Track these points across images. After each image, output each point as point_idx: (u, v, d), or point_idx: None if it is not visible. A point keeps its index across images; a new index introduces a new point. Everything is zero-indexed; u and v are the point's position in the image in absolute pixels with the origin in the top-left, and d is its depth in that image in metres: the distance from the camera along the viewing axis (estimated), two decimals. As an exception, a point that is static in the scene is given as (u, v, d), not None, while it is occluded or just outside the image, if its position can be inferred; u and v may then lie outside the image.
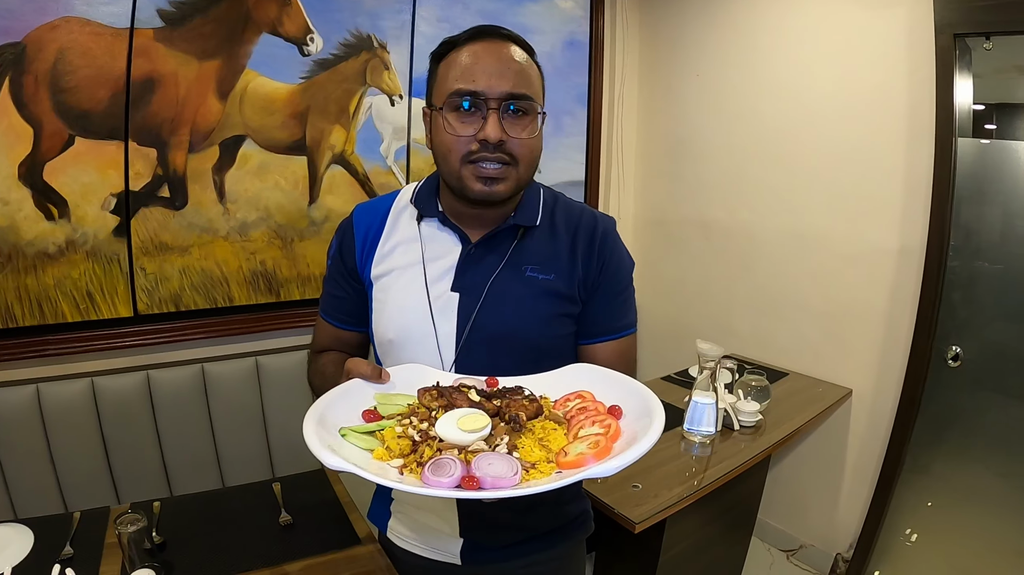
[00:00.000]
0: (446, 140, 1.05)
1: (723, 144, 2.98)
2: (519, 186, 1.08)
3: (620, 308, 1.19)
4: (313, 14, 2.35)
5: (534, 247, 1.15)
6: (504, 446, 0.88)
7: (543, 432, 0.93)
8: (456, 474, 0.81)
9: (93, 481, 2.11)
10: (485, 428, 0.90)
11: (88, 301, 2.13)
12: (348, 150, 2.53)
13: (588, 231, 1.17)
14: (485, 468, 0.83)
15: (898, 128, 2.39)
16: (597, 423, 0.93)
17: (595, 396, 1.02)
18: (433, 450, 0.87)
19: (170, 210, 2.23)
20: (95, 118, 2.06)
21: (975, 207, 2.33)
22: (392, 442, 0.90)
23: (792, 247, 2.75)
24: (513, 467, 0.83)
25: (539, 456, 0.87)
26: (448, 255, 1.15)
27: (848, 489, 2.67)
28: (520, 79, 1.03)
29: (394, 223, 1.20)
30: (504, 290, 1.12)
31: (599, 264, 1.15)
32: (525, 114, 1.04)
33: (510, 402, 0.97)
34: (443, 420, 0.92)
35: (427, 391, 1.00)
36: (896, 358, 2.46)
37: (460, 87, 1.02)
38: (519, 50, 1.06)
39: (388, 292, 1.17)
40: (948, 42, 2.22)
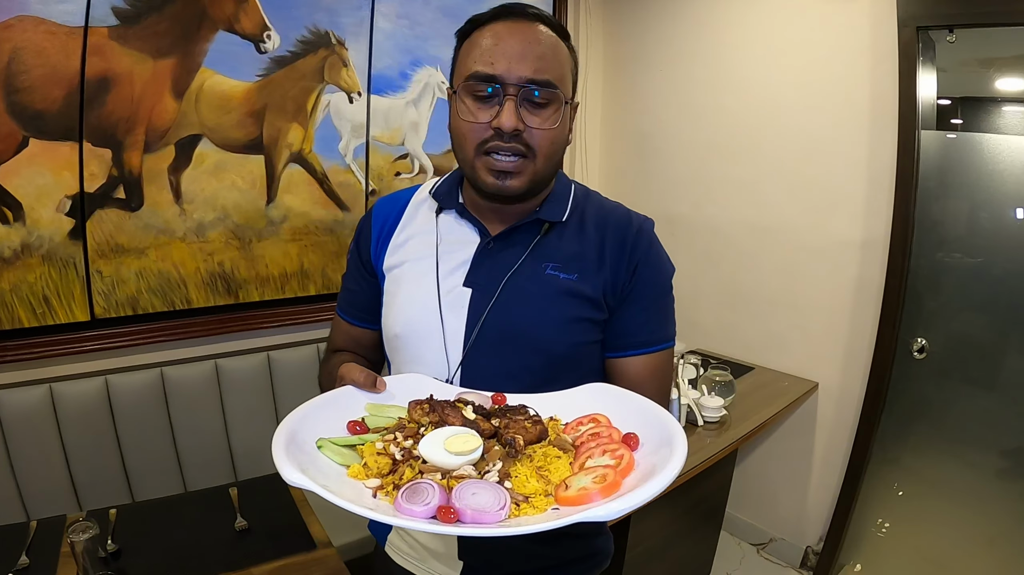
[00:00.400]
0: (461, 127, 1.01)
1: (688, 139, 3.07)
2: (536, 181, 1.02)
3: (655, 318, 1.10)
4: (270, 11, 2.39)
5: (558, 244, 1.08)
6: (495, 473, 0.80)
7: (544, 460, 0.85)
8: (432, 502, 0.73)
9: (54, 489, 2.15)
10: (475, 451, 0.82)
11: (45, 306, 2.16)
12: (306, 148, 2.57)
13: (620, 230, 1.09)
14: (467, 498, 0.74)
15: (861, 121, 2.46)
16: (608, 453, 0.83)
17: (611, 421, 0.92)
18: (414, 471, 0.80)
19: (126, 212, 2.26)
20: (49, 119, 2.08)
21: (939, 199, 2.42)
22: (371, 459, 0.83)
23: (757, 241, 2.83)
24: (500, 499, 0.74)
25: (535, 488, 0.79)
26: (464, 248, 1.10)
27: (817, 482, 2.75)
28: (543, 63, 0.97)
29: (412, 214, 1.17)
30: (521, 288, 1.05)
31: (631, 267, 1.07)
32: (547, 103, 0.99)
33: (510, 422, 0.90)
34: (429, 438, 0.84)
35: (418, 404, 0.94)
36: (862, 351, 2.54)
37: (477, 69, 0.97)
38: (547, 31, 1.01)
39: (399, 284, 1.13)
40: (911, 35, 2.29)
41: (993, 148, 2.26)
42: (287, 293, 2.62)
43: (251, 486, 1.87)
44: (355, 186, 2.71)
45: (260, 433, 2.49)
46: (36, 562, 1.46)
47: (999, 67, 2.28)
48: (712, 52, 2.90)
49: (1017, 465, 2.34)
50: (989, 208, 2.32)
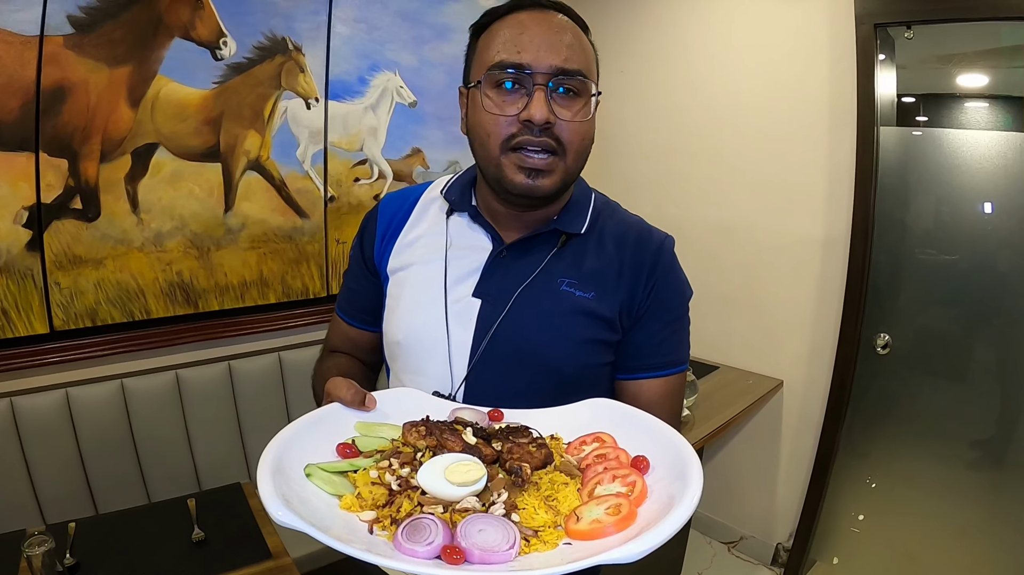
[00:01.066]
0: (485, 121, 0.96)
1: (648, 140, 3.21)
2: (567, 181, 1.00)
3: (669, 340, 1.07)
4: (226, 17, 2.48)
5: (575, 258, 1.05)
6: (501, 505, 0.76)
7: (551, 488, 0.81)
8: (436, 542, 0.68)
9: (17, 503, 2.21)
10: (479, 482, 0.78)
11: (3, 318, 2.24)
12: (263, 155, 2.66)
13: (640, 248, 1.07)
14: (473, 536, 0.70)
15: (820, 119, 2.57)
16: (619, 479, 0.80)
17: (616, 440, 0.90)
18: (413, 503, 0.76)
19: (83, 222, 2.35)
20: (5, 129, 2.16)
21: (900, 195, 2.56)
22: (364, 489, 0.79)
23: (719, 240, 2.96)
24: (509, 537, 0.70)
25: (544, 520, 0.75)
26: (475, 255, 1.07)
27: (785, 479, 2.86)
28: (572, 53, 0.95)
29: (421, 213, 1.14)
30: (533, 302, 1.02)
31: (649, 287, 1.04)
32: (577, 95, 0.96)
33: (513, 446, 0.86)
34: (427, 467, 0.80)
35: (414, 427, 0.89)
36: (826, 347, 2.66)
37: (503, 58, 0.93)
38: (571, 21, 0.99)
39: (403, 288, 1.10)
40: (869, 32, 2.39)
41: (953, 143, 2.38)
42: (247, 302, 2.71)
43: (210, 497, 1.95)
44: (313, 192, 2.81)
45: (222, 443, 2.60)
46: (-7, 578, 1.53)
47: (958, 63, 2.38)
48: (671, 53, 3.04)
49: (985, 456, 2.48)
50: (950, 203, 2.45)
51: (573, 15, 1.01)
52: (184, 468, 2.51)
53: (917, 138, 2.48)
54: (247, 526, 1.77)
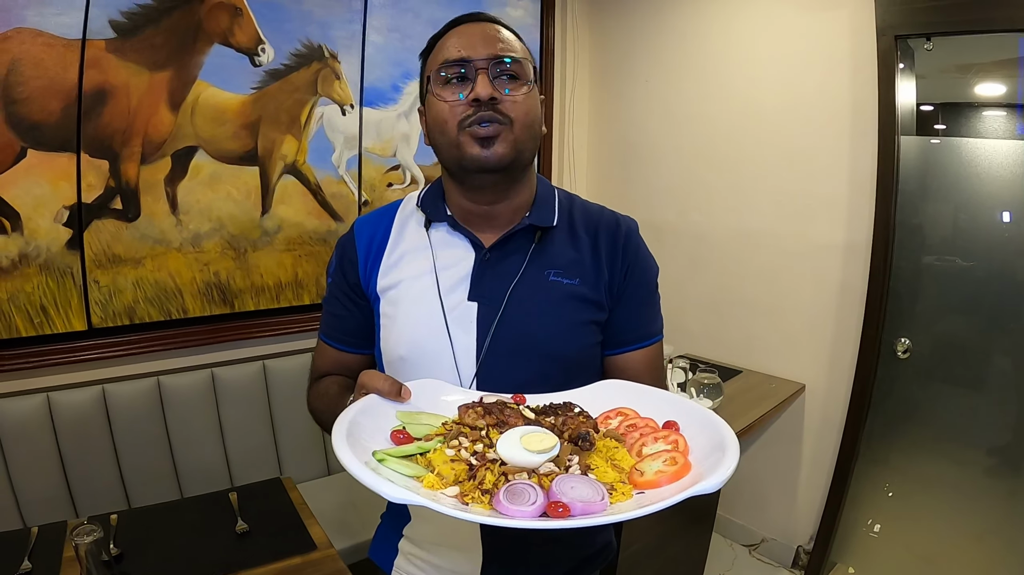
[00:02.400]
0: (440, 111, 1.02)
1: (672, 148, 3.15)
2: (518, 151, 1.03)
3: (647, 314, 1.14)
4: (264, 24, 2.45)
5: (555, 250, 1.10)
6: (577, 467, 0.80)
7: (608, 451, 0.85)
8: (539, 501, 0.72)
9: (51, 497, 2.18)
10: (555, 448, 0.81)
11: (42, 315, 2.20)
12: (300, 160, 2.62)
13: (610, 232, 1.12)
14: (570, 492, 0.73)
15: (842, 128, 2.54)
16: (661, 439, 0.86)
17: (639, 413, 0.95)
18: (495, 474, 0.78)
19: (123, 222, 2.31)
20: (47, 130, 2.13)
21: (920, 203, 2.49)
22: (443, 467, 0.80)
23: (741, 246, 2.90)
24: (598, 490, 0.74)
25: (614, 477, 0.80)
26: (461, 262, 1.10)
27: (806, 482, 2.81)
28: (507, 45, 1.02)
29: (400, 231, 1.16)
30: (527, 297, 1.06)
31: (624, 267, 1.10)
32: (516, 77, 1.02)
33: (566, 419, 0.89)
34: (505, 439, 0.82)
35: (470, 408, 0.91)
36: (847, 352, 2.60)
37: (446, 58, 1.00)
38: (504, 29, 1.05)
39: (397, 306, 1.11)
40: (890, 43, 2.36)
41: (972, 152, 2.34)
42: (282, 302, 2.67)
43: (250, 490, 1.90)
44: (348, 197, 2.77)
45: (256, 440, 2.55)
46: (38, 567, 1.48)
47: (976, 72, 2.36)
48: (696, 62, 2.99)
49: (1003, 462, 2.41)
50: (969, 211, 2.40)
51: (507, 26, 1.07)
52: (217, 464, 2.46)
53: (936, 147, 2.43)
54: (290, 518, 1.72)
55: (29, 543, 1.56)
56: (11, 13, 2.01)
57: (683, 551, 2.58)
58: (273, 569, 1.54)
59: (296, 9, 2.50)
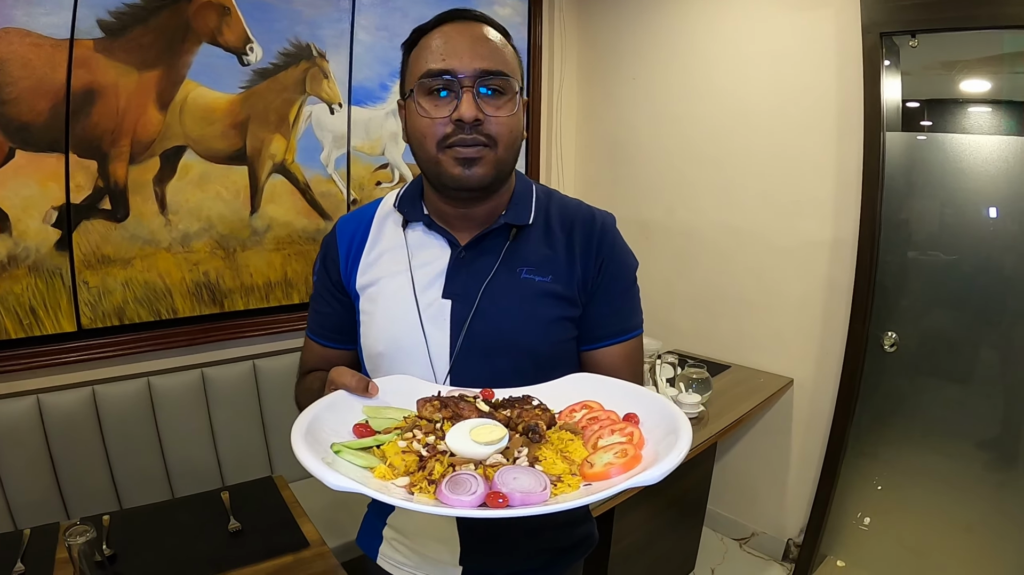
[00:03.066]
0: (420, 125, 1.01)
1: (660, 146, 3.18)
2: (499, 170, 1.03)
3: (624, 308, 1.14)
4: (253, 24, 2.45)
5: (529, 247, 1.11)
6: (524, 459, 0.83)
7: (561, 443, 0.88)
8: (479, 491, 0.75)
9: (42, 499, 2.17)
10: (503, 439, 0.84)
11: (32, 316, 2.18)
12: (288, 159, 2.63)
13: (585, 228, 1.12)
14: (511, 483, 0.76)
15: (828, 125, 2.57)
16: (617, 431, 0.87)
17: (603, 406, 0.96)
18: (444, 466, 0.81)
19: (112, 222, 2.30)
20: (36, 130, 2.12)
21: (907, 198, 2.52)
22: (395, 458, 0.84)
23: (729, 243, 2.93)
24: (541, 481, 0.77)
25: (563, 468, 0.82)
26: (436, 260, 1.11)
27: (795, 476, 2.84)
28: (494, 56, 1.00)
29: (379, 231, 1.17)
30: (499, 295, 1.08)
31: (598, 262, 1.10)
32: (502, 93, 1.01)
33: (521, 411, 0.92)
34: (454, 432, 0.86)
35: (428, 402, 0.95)
36: (834, 347, 2.63)
37: (431, 67, 0.99)
38: (492, 30, 1.04)
39: (375, 303, 1.14)
40: (875, 41, 2.39)
41: (958, 148, 2.36)
42: (272, 302, 2.67)
43: (242, 490, 1.90)
44: (337, 195, 2.77)
45: (246, 440, 2.54)
46: (31, 569, 1.48)
47: (961, 69, 2.39)
48: (683, 61, 3.00)
49: (992, 454, 2.44)
50: (955, 206, 2.42)
51: (495, 24, 1.06)
52: (208, 464, 2.46)
53: (922, 143, 2.45)
54: (282, 516, 1.72)
55: (22, 545, 1.55)
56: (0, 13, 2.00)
57: (674, 545, 2.61)
58: (266, 567, 1.54)
59: (285, 8, 2.50)
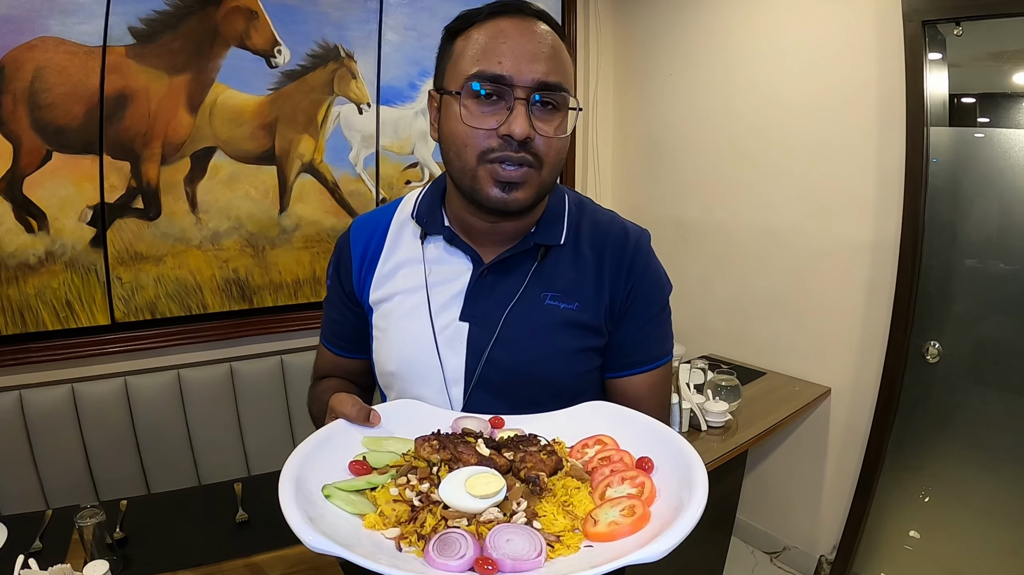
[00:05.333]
0: (461, 132, 0.92)
1: (697, 143, 3.13)
2: (541, 193, 0.97)
3: (652, 335, 1.07)
4: (280, 27, 2.54)
5: (556, 270, 1.04)
6: (522, 514, 0.78)
7: (565, 493, 0.83)
8: (468, 554, 0.70)
9: (74, 483, 2.32)
10: (499, 493, 0.79)
11: (67, 310, 2.34)
12: (317, 159, 2.71)
13: (617, 248, 1.05)
14: (503, 547, 0.72)
15: (869, 120, 2.48)
16: (628, 481, 0.82)
17: (618, 443, 0.91)
18: (436, 518, 0.77)
19: (144, 221, 2.44)
20: (71, 133, 2.27)
21: (953, 198, 2.40)
22: (386, 507, 0.80)
23: (766, 244, 2.87)
24: (536, 544, 0.72)
25: (563, 526, 0.77)
26: (456, 279, 1.05)
27: (830, 490, 2.76)
28: (554, 65, 0.91)
29: (395, 240, 1.11)
30: (522, 322, 1.01)
31: (628, 286, 1.04)
32: (556, 108, 0.93)
33: (525, 455, 0.86)
34: (448, 482, 0.81)
35: (426, 441, 0.89)
36: (874, 355, 2.55)
37: (483, 69, 0.89)
38: (550, 30, 0.94)
39: (389, 320, 1.08)
40: (917, 29, 2.30)
41: (1009, 144, 2.24)
42: (299, 299, 2.77)
43: (255, 482, 1.99)
44: (366, 194, 2.85)
45: (273, 432, 2.66)
46: (48, 547, 1.60)
47: (1009, 60, 2.27)
48: (720, 55, 2.95)
49: None
50: (1006, 207, 2.29)
51: (552, 23, 0.96)
52: (235, 456, 2.57)
53: (971, 139, 2.34)
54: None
55: (43, 524, 1.68)
56: (35, 23, 2.14)
57: (700, 556, 2.58)
58: (265, 558, 1.60)
59: (312, 11, 2.58)
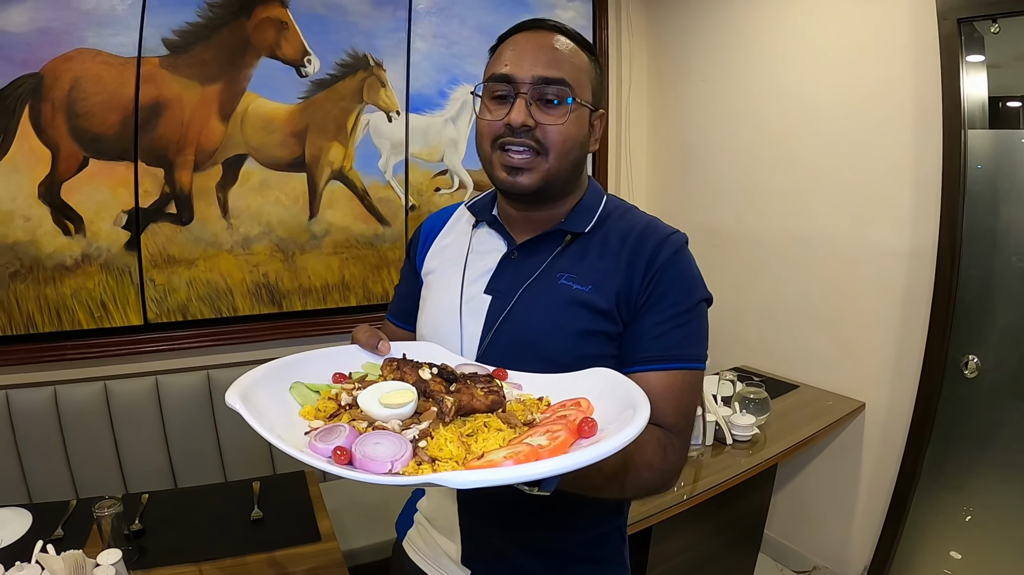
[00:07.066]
0: (480, 126, 1.07)
1: (730, 149, 3.07)
2: (549, 179, 1.05)
3: (673, 334, 1.04)
4: (310, 36, 2.62)
5: (578, 256, 1.10)
6: (415, 431, 0.81)
7: (479, 429, 0.83)
8: (336, 443, 0.76)
9: (104, 476, 2.43)
10: (406, 406, 0.84)
11: (102, 310, 2.46)
12: (347, 166, 2.78)
13: (643, 243, 1.07)
14: (366, 446, 0.76)
15: (905, 123, 2.40)
16: (548, 434, 0.79)
17: (594, 406, 0.88)
18: (349, 418, 0.83)
19: (177, 225, 2.54)
20: (107, 141, 2.39)
21: (992, 204, 2.30)
22: (322, 403, 0.89)
23: (799, 252, 2.79)
24: (399, 454, 0.75)
25: (450, 453, 0.77)
26: (490, 256, 1.16)
27: (863, 508, 2.66)
28: (556, 63, 1.03)
29: (453, 225, 1.27)
30: (534, 297, 1.08)
31: (648, 279, 1.04)
32: (559, 101, 1.03)
33: (462, 388, 0.89)
34: (369, 390, 0.87)
35: (391, 362, 0.97)
36: (910, 369, 2.46)
37: (495, 71, 1.04)
38: (564, 39, 1.06)
39: (431, 289, 1.22)
40: (952, 28, 2.23)
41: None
42: (328, 303, 2.83)
43: (273, 481, 2.04)
44: (395, 201, 2.90)
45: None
46: (69, 535, 1.67)
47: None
48: (751, 59, 2.90)
49: None
50: None
51: (571, 34, 1.08)
52: (261, 453, 2.63)
53: (1012, 142, 2.24)
54: (303, 510, 1.84)
55: (66, 513, 1.76)
56: (72, 35, 2.27)
57: (725, 572, 2.52)
58: (275, 556, 1.64)
59: (341, 20, 2.65)
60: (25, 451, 2.34)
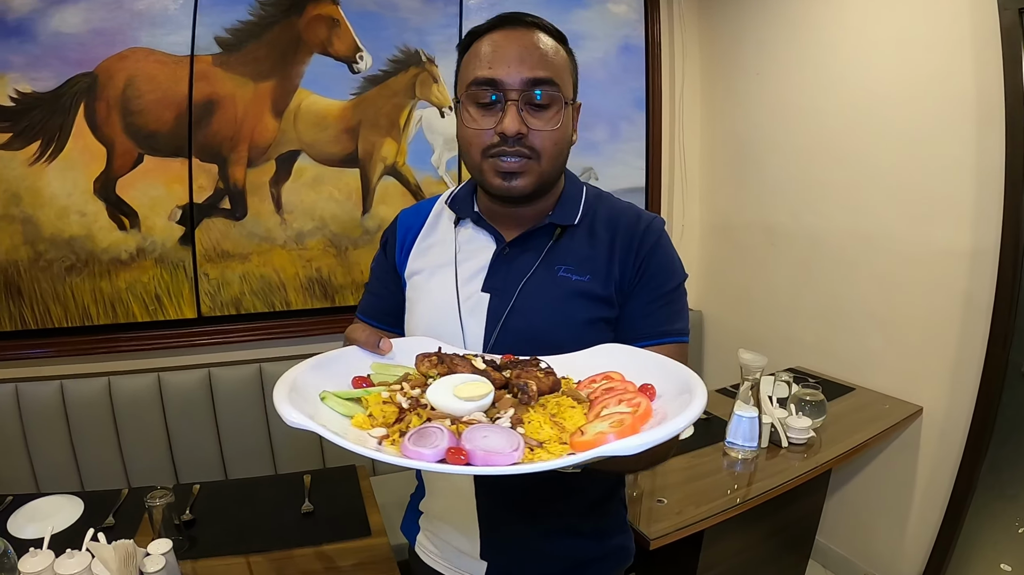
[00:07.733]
0: (466, 134, 1.05)
1: (785, 144, 2.98)
2: (542, 181, 1.06)
3: (661, 312, 1.10)
4: (361, 33, 2.62)
5: (570, 247, 1.12)
6: (507, 419, 0.79)
7: (557, 409, 0.83)
8: (441, 445, 0.71)
9: (155, 466, 2.47)
10: (486, 397, 0.82)
11: (156, 303, 2.50)
12: (399, 162, 2.78)
13: (629, 230, 1.12)
14: (478, 441, 0.72)
15: (966, 117, 2.30)
16: (625, 402, 0.81)
17: (625, 376, 0.91)
18: (422, 420, 0.78)
19: (231, 220, 2.57)
20: (161, 138, 2.42)
21: None
22: (376, 408, 0.82)
23: (856, 250, 2.70)
24: (514, 442, 0.73)
25: (549, 435, 0.77)
26: (481, 255, 1.15)
27: (917, 516, 2.57)
28: (542, 64, 1.01)
29: (433, 224, 1.23)
30: (536, 292, 1.09)
31: (637, 263, 1.10)
32: (548, 104, 1.02)
33: (521, 372, 0.89)
34: (437, 385, 0.84)
35: (426, 357, 0.94)
36: (970, 374, 2.36)
37: (478, 75, 1.01)
38: (545, 37, 1.04)
39: (419, 291, 1.18)
40: (1014, 18, 2.13)
41: None
42: (379, 298, 2.82)
43: (325, 475, 2.04)
44: (448, 197, 2.88)
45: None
46: (120, 523, 1.69)
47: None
48: (807, 52, 2.82)
49: None
50: None
51: (549, 29, 1.06)
52: (311, 446, 2.64)
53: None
54: (354, 504, 1.84)
55: (118, 502, 1.78)
56: (126, 35, 2.32)
57: (777, 576, 2.46)
58: (324, 550, 1.63)
59: (392, 17, 2.65)
60: (78, 440, 2.39)
